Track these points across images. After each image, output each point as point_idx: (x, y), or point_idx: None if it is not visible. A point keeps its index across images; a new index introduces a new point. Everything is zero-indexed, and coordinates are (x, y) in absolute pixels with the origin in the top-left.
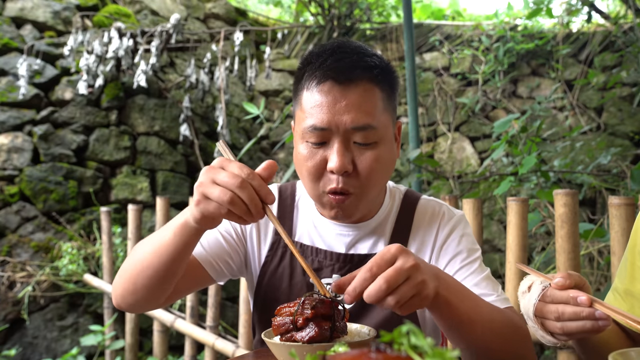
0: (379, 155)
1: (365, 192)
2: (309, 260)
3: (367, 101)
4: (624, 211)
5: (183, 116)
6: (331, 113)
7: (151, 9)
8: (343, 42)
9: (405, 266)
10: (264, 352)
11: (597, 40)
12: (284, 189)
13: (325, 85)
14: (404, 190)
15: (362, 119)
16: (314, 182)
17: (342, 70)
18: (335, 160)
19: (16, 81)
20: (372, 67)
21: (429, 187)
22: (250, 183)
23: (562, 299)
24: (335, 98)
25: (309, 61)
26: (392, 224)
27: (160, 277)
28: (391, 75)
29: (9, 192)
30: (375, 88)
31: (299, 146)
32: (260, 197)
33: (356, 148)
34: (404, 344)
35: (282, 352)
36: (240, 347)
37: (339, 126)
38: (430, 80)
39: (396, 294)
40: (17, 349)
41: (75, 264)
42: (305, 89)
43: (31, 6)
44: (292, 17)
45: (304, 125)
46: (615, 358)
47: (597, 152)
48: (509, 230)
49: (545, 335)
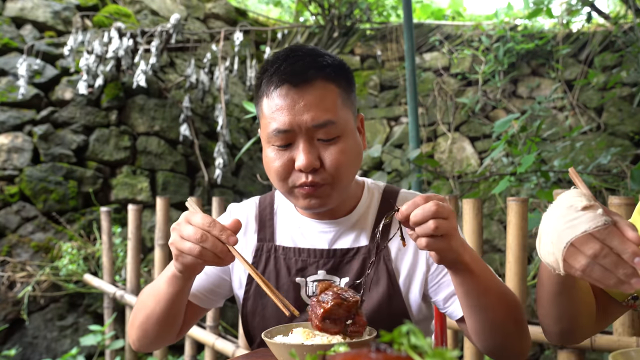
0: (343, 149)
1: (336, 184)
2: (292, 261)
3: (325, 99)
4: (624, 211)
5: (183, 116)
6: (291, 114)
7: (151, 9)
8: (295, 47)
9: (449, 209)
10: (263, 352)
11: (597, 40)
12: (263, 199)
13: (282, 89)
14: (383, 186)
15: (322, 116)
16: (283, 180)
17: (297, 73)
18: (302, 159)
19: (16, 81)
20: (324, 66)
21: (429, 187)
22: (211, 232)
23: (616, 247)
24: (294, 100)
25: (265, 69)
26: (372, 218)
27: (163, 322)
28: (345, 72)
29: (9, 192)
30: (330, 85)
31: (266, 150)
32: (223, 242)
33: (320, 144)
34: (404, 344)
35: (282, 352)
36: (240, 347)
37: (301, 126)
38: (430, 80)
39: (436, 221)
40: (17, 349)
41: (75, 264)
42: (265, 96)
43: (31, 6)
44: (292, 17)
45: (269, 130)
46: (616, 358)
47: (597, 152)
48: (509, 230)
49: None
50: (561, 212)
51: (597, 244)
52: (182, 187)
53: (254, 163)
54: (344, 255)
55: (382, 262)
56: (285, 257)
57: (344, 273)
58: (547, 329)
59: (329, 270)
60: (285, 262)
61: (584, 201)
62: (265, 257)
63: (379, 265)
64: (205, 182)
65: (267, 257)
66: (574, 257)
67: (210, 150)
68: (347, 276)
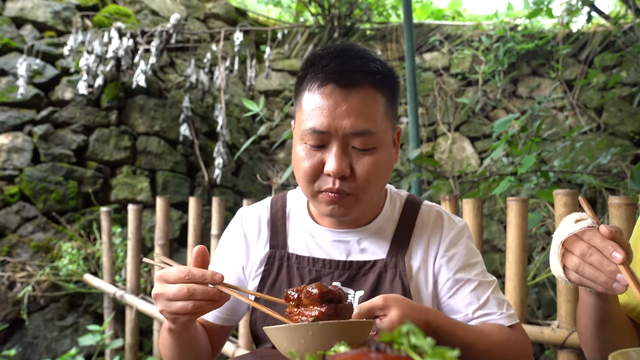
0: (377, 161)
1: (362, 195)
2: (306, 270)
3: (368, 106)
4: (624, 211)
5: (183, 116)
6: (331, 117)
7: (151, 9)
8: (347, 46)
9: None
10: (263, 352)
11: (597, 40)
12: (275, 201)
13: (327, 88)
14: (405, 196)
15: (361, 124)
16: (310, 182)
17: (345, 74)
18: (333, 164)
19: (16, 81)
20: (374, 72)
21: (429, 187)
22: (195, 281)
23: (598, 245)
24: (336, 102)
25: (312, 63)
26: (392, 230)
27: (184, 357)
28: (393, 81)
29: (9, 192)
30: (377, 93)
31: (297, 147)
32: (209, 283)
33: (354, 153)
34: (404, 344)
35: (286, 335)
36: (240, 347)
37: (338, 130)
38: (430, 80)
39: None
40: (17, 349)
41: (75, 264)
42: (307, 91)
43: (31, 6)
44: (292, 17)
45: (304, 127)
46: (616, 358)
47: (597, 152)
48: (509, 230)
49: (560, 267)
50: (560, 227)
51: (583, 244)
52: (182, 187)
53: (254, 163)
54: (360, 268)
55: (397, 276)
56: (299, 266)
57: (359, 286)
58: None
59: (344, 282)
60: (298, 272)
61: (578, 216)
62: (278, 265)
63: (395, 279)
64: (205, 182)
65: (280, 264)
66: (567, 259)
67: (210, 150)
68: (362, 289)
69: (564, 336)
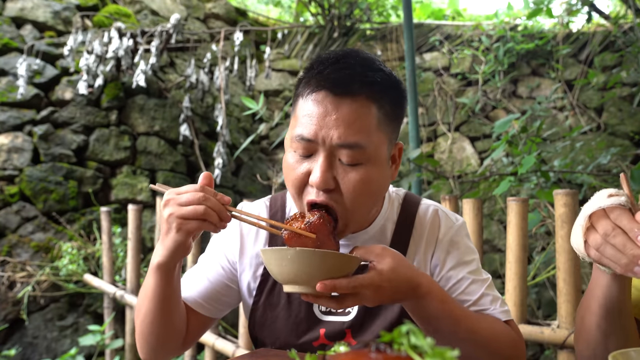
0: (365, 177)
1: (349, 212)
2: None
3: (361, 118)
4: None
5: (183, 116)
6: (319, 125)
7: (151, 9)
8: (351, 52)
9: None
10: (263, 352)
11: (597, 40)
12: (274, 201)
13: (319, 95)
14: (403, 195)
15: (350, 136)
16: (298, 194)
17: (340, 82)
18: (317, 175)
19: (16, 81)
20: (373, 82)
21: (429, 186)
22: (207, 193)
23: (625, 226)
24: (327, 110)
25: (310, 66)
26: (391, 230)
27: (158, 321)
28: (395, 94)
29: (9, 192)
30: (372, 105)
31: (287, 154)
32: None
33: (341, 166)
34: (404, 344)
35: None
36: (240, 347)
37: (325, 140)
38: (430, 80)
39: None
40: (17, 349)
41: (75, 264)
42: (301, 96)
43: (31, 6)
44: (292, 17)
45: (294, 133)
46: (616, 358)
47: (597, 152)
48: (509, 230)
49: (581, 240)
50: (592, 199)
51: (609, 224)
52: None
53: (253, 163)
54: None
55: None
56: None
57: None
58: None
59: None
60: None
61: (613, 191)
62: None
63: None
64: None
65: None
66: (590, 235)
67: (210, 150)
68: None
69: (564, 336)
